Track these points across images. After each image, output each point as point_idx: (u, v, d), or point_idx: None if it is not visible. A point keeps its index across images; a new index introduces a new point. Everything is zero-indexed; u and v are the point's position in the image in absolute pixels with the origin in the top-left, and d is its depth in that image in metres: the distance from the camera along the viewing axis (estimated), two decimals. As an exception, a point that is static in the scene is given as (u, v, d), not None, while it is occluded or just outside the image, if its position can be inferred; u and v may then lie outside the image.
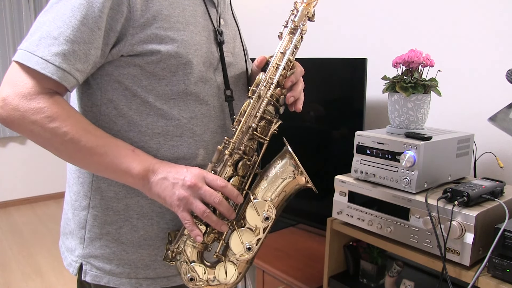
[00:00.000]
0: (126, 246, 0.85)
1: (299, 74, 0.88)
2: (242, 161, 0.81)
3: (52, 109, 0.72)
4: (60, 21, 0.71)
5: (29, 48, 0.71)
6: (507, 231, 0.90)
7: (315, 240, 1.86)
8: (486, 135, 1.34)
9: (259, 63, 0.90)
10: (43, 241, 3.33)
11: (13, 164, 4.06)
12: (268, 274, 1.66)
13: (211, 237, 0.82)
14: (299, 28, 0.84)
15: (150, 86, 0.80)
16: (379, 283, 1.35)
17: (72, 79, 0.73)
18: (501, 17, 1.32)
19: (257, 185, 0.82)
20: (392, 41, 1.65)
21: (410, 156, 1.06)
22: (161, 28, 0.77)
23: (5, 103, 0.71)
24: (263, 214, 0.79)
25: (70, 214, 0.90)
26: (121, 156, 0.76)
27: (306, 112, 1.76)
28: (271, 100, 0.83)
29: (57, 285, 2.72)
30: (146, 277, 0.87)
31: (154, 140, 0.82)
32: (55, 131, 0.72)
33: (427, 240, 1.04)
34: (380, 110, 1.68)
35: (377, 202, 1.15)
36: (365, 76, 1.52)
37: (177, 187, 0.76)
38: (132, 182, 0.78)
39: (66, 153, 0.77)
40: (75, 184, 0.88)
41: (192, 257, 0.81)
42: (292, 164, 0.81)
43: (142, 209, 0.84)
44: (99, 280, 0.86)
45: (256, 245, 0.80)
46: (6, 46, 3.83)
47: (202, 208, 0.76)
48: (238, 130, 0.81)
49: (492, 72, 1.35)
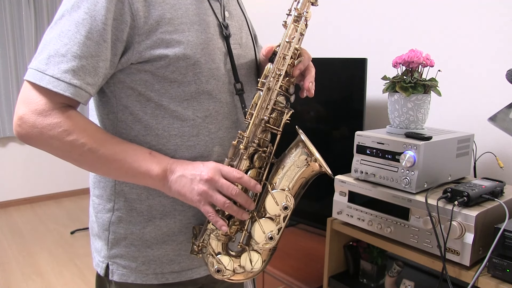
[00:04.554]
0: (151, 243, 0.87)
1: (307, 61, 0.88)
2: (258, 154, 0.82)
3: (67, 122, 0.74)
4: (66, 38, 0.73)
5: (39, 68, 0.73)
6: (507, 231, 0.90)
7: (315, 240, 1.86)
8: (486, 135, 1.34)
9: (266, 52, 0.90)
10: (43, 241, 3.33)
11: (13, 164, 4.06)
12: (268, 274, 1.66)
13: (234, 228, 0.84)
14: (302, 15, 0.84)
15: (163, 89, 0.81)
16: (379, 283, 1.35)
17: (84, 93, 0.75)
18: (501, 17, 1.32)
19: (274, 175, 0.83)
20: (392, 41, 1.65)
21: (410, 156, 1.06)
22: (166, 32, 0.78)
23: (23, 121, 0.73)
24: (282, 203, 0.81)
25: (94, 217, 0.92)
26: (139, 160, 0.79)
27: (306, 112, 1.76)
28: (281, 91, 0.83)
29: (57, 285, 2.72)
30: (172, 271, 0.89)
31: (172, 142, 0.83)
32: (74, 143, 0.75)
33: (427, 240, 1.04)
34: (380, 110, 1.68)
35: (377, 202, 1.15)
36: (365, 76, 1.52)
37: (195, 182, 0.78)
38: (152, 184, 0.80)
39: (86, 163, 0.79)
40: (97, 188, 0.90)
41: (217, 249, 0.84)
42: (305, 152, 0.82)
43: (164, 209, 0.86)
44: (126, 278, 0.88)
45: (278, 234, 0.83)
46: (6, 46, 3.83)
47: (222, 200, 0.78)
48: (251, 123, 0.82)
49: (492, 72, 1.35)
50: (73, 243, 3.31)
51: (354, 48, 1.80)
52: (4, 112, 3.93)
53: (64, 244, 3.28)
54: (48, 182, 4.26)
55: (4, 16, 3.77)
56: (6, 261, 3.00)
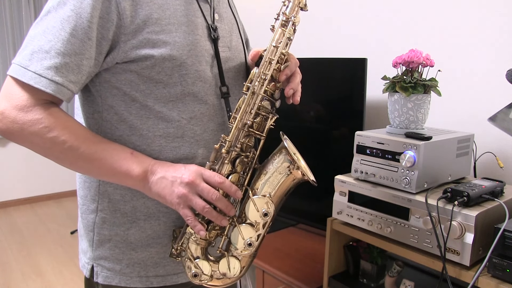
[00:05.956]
0: (135, 245, 0.86)
1: (294, 66, 0.87)
2: (240, 158, 0.81)
3: (49, 119, 0.73)
4: (50, 34, 0.72)
5: (22, 63, 0.72)
6: (507, 231, 0.90)
7: (315, 240, 1.86)
8: (486, 135, 1.34)
9: (252, 57, 0.89)
10: (43, 241, 3.33)
11: (13, 164, 4.06)
12: (268, 274, 1.66)
13: (214, 233, 0.83)
14: (290, 20, 0.83)
15: (148, 90, 0.80)
16: (379, 283, 1.35)
17: (66, 91, 0.74)
18: (501, 17, 1.32)
19: (256, 180, 0.82)
20: (392, 41, 1.65)
21: (410, 156, 1.06)
22: (153, 32, 0.77)
23: (3, 117, 0.73)
24: (262, 210, 0.80)
25: (80, 218, 0.92)
26: (120, 160, 0.78)
27: (306, 112, 1.76)
28: (265, 96, 0.82)
29: (57, 285, 2.72)
30: (156, 275, 0.88)
31: (156, 143, 0.82)
32: (54, 140, 0.74)
33: (427, 240, 1.04)
34: (380, 110, 1.68)
35: (377, 202, 1.15)
36: (365, 76, 1.52)
37: (175, 185, 0.77)
38: (133, 184, 0.79)
39: (67, 161, 0.78)
40: (82, 188, 0.89)
41: (196, 253, 0.82)
42: (287, 159, 0.81)
43: (148, 210, 0.85)
44: (110, 280, 0.87)
45: (257, 241, 0.81)
46: (6, 46, 3.83)
47: (202, 204, 0.77)
48: (233, 127, 0.81)
49: (492, 72, 1.35)
50: (73, 243, 3.31)
51: (354, 48, 1.80)
52: (4, 112, 3.93)
53: (64, 244, 3.28)
54: (48, 182, 4.27)
55: (4, 16, 3.78)
56: (6, 261, 3.00)
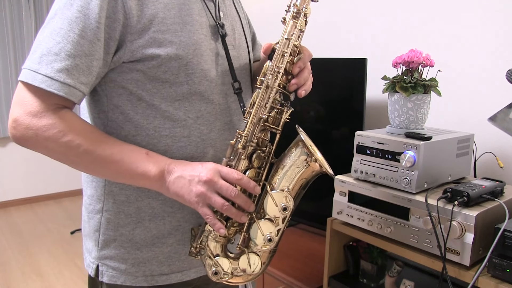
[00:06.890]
0: (140, 245, 0.86)
1: (307, 59, 0.86)
2: (256, 153, 0.81)
3: (62, 123, 0.73)
4: (59, 36, 0.72)
5: (32, 67, 0.72)
6: (507, 231, 0.90)
7: (315, 240, 1.86)
8: (486, 135, 1.34)
9: (265, 50, 0.88)
10: (43, 241, 3.33)
11: (13, 164, 4.06)
12: (268, 274, 1.66)
13: (232, 230, 0.82)
14: (301, 11, 0.82)
15: (154, 89, 0.80)
16: (379, 283, 1.35)
17: (78, 92, 0.74)
18: (501, 17, 1.32)
19: (273, 175, 0.82)
20: (392, 41, 1.65)
21: (410, 156, 1.06)
22: (159, 32, 0.77)
23: (18, 124, 0.72)
24: (281, 204, 0.79)
25: (86, 217, 0.91)
26: (136, 161, 0.77)
27: (306, 112, 1.76)
28: (279, 89, 0.81)
29: (57, 285, 2.72)
30: (161, 274, 0.88)
31: (162, 143, 0.82)
32: (69, 144, 0.73)
33: (427, 240, 1.04)
34: (380, 110, 1.68)
35: (377, 202, 1.15)
36: (365, 76, 1.52)
37: (193, 183, 0.76)
38: (150, 185, 0.79)
39: (82, 165, 0.78)
40: (89, 187, 0.89)
41: (215, 251, 0.82)
42: (304, 152, 0.80)
43: (153, 211, 0.85)
44: (116, 280, 0.87)
45: (277, 236, 0.81)
46: (6, 46, 3.83)
47: (221, 202, 0.76)
48: (249, 122, 0.80)
49: (492, 72, 1.35)
50: (73, 243, 3.31)
51: (354, 48, 1.80)
52: (4, 112, 3.93)
53: (64, 244, 3.28)
54: (48, 182, 4.26)
55: (4, 16, 3.77)
56: (6, 261, 3.00)
